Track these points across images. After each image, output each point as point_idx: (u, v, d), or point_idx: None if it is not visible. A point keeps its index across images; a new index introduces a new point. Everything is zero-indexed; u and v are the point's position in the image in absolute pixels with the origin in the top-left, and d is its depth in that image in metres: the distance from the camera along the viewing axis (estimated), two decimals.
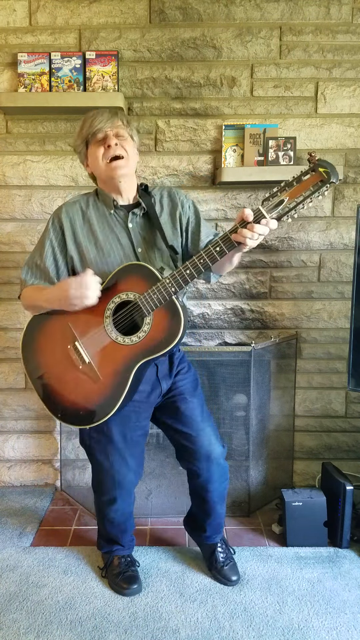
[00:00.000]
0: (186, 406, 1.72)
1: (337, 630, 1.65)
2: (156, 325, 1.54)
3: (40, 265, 1.67)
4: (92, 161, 1.64)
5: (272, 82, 2.32)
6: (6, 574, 1.92)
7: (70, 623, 1.68)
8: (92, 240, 1.65)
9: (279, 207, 1.42)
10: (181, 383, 1.74)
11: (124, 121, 1.63)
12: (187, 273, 1.49)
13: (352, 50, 2.30)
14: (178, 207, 1.70)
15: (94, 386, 1.60)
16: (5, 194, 2.39)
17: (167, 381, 1.72)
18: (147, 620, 1.70)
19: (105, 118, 1.60)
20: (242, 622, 1.69)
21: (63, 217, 1.66)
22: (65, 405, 1.65)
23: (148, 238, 1.66)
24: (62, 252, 1.67)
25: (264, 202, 1.43)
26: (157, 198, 1.71)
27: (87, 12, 2.28)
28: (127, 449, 1.71)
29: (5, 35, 2.30)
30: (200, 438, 1.72)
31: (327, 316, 2.46)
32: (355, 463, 2.52)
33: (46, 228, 1.69)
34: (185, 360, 1.82)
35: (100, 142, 1.60)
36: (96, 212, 1.67)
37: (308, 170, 1.39)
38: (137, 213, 1.66)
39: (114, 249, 1.63)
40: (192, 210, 1.73)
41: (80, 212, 1.67)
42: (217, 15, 2.28)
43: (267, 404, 2.41)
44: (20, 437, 2.55)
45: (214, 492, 1.80)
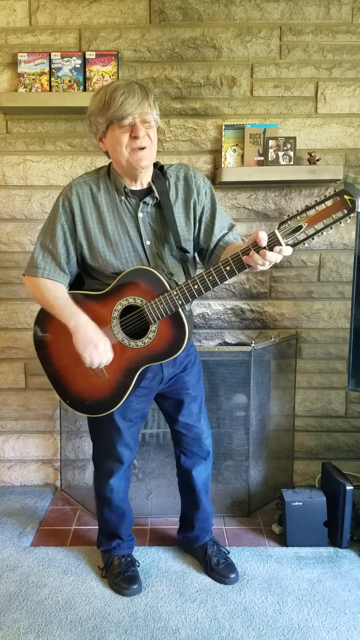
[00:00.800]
0: (188, 399, 1.80)
1: (337, 630, 1.65)
2: (160, 335, 1.53)
3: (52, 250, 1.61)
4: (111, 143, 1.53)
5: (272, 82, 2.32)
6: (6, 574, 1.92)
7: (70, 623, 1.68)
8: (100, 229, 1.59)
9: (296, 234, 1.33)
10: (187, 378, 1.78)
11: (151, 104, 1.50)
12: (195, 288, 1.46)
13: (352, 50, 2.30)
14: (194, 193, 1.61)
15: (99, 382, 1.63)
16: (5, 194, 2.39)
17: (170, 370, 1.72)
18: (147, 620, 1.70)
19: (136, 101, 1.45)
20: (242, 622, 1.69)
21: (73, 200, 1.58)
22: (73, 394, 1.70)
23: (158, 230, 1.60)
24: (72, 237, 1.60)
25: (280, 226, 1.35)
26: (172, 181, 1.62)
27: (87, 12, 2.28)
28: (125, 428, 1.75)
29: (5, 35, 2.30)
30: (195, 427, 1.84)
31: (327, 316, 2.46)
32: (355, 463, 2.52)
33: (55, 207, 1.61)
34: (193, 352, 1.83)
35: (126, 127, 1.48)
36: (107, 197, 1.60)
37: (332, 196, 1.30)
38: (149, 202, 1.59)
39: (123, 240, 1.59)
40: (208, 197, 1.64)
41: (91, 195, 1.59)
42: (217, 15, 2.28)
43: (267, 404, 2.41)
44: (20, 437, 2.55)
45: (198, 477, 1.89)
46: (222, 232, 1.64)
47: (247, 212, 2.39)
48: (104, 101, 1.48)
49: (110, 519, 1.89)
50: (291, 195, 2.37)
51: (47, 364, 1.72)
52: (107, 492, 1.84)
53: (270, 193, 2.37)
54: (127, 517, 1.91)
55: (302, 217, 1.33)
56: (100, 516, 1.92)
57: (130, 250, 1.59)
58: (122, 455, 1.79)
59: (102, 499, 1.88)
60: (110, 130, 1.51)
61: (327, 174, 2.21)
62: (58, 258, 1.62)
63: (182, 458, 1.89)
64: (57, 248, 1.61)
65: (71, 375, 1.68)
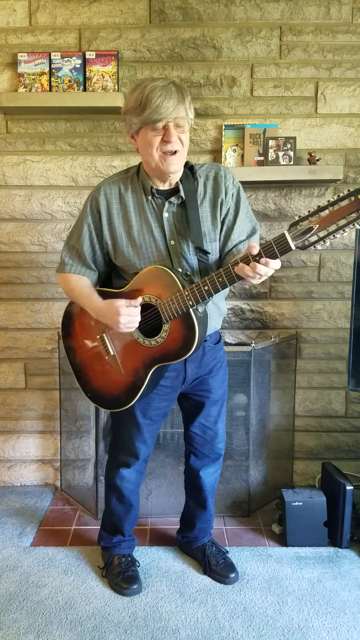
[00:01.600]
0: (209, 403, 1.81)
1: (337, 630, 1.65)
2: (172, 335, 1.54)
3: (77, 249, 1.66)
4: (143, 144, 1.52)
5: (272, 82, 2.32)
6: (6, 574, 1.92)
7: (70, 623, 1.68)
8: (125, 228, 1.61)
9: (307, 235, 1.27)
10: (212, 381, 1.78)
11: (187, 107, 1.49)
12: (205, 289, 1.46)
13: (352, 50, 2.30)
14: (221, 194, 1.59)
15: (116, 377, 1.66)
16: (5, 194, 2.39)
17: (194, 370, 1.72)
18: (147, 620, 1.70)
19: (172, 105, 1.43)
20: (242, 622, 1.69)
21: (101, 200, 1.61)
22: (93, 387, 1.74)
23: (183, 230, 1.59)
24: (99, 236, 1.64)
25: (291, 228, 1.30)
26: (201, 180, 1.60)
27: (87, 12, 2.28)
28: (145, 425, 1.77)
29: (5, 35, 2.30)
30: (211, 430, 1.84)
31: (327, 316, 2.46)
32: (355, 463, 2.52)
33: (84, 209, 1.66)
34: (221, 356, 1.82)
35: (158, 131, 1.47)
36: (134, 197, 1.61)
37: (347, 196, 1.23)
38: (174, 202, 1.58)
39: (146, 240, 1.59)
40: (234, 199, 1.61)
41: (119, 195, 1.61)
42: (217, 15, 2.28)
43: (267, 404, 2.41)
44: (20, 437, 2.55)
45: (206, 478, 1.89)
46: (240, 239, 1.63)
47: None
48: (140, 101, 1.45)
49: (116, 509, 1.89)
50: (291, 195, 2.37)
51: (71, 357, 1.78)
52: (117, 480, 1.84)
53: (270, 193, 2.37)
54: (133, 511, 1.91)
55: (314, 218, 1.26)
56: (107, 506, 1.92)
57: (153, 250, 1.60)
58: (139, 451, 1.80)
59: (111, 487, 1.88)
60: (143, 131, 1.50)
61: (327, 174, 2.21)
62: (84, 256, 1.67)
63: (191, 458, 1.89)
64: (82, 247, 1.66)
65: (91, 370, 1.72)
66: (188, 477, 1.94)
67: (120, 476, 1.84)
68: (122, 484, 1.85)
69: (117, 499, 1.88)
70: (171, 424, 2.37)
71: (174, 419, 2.34)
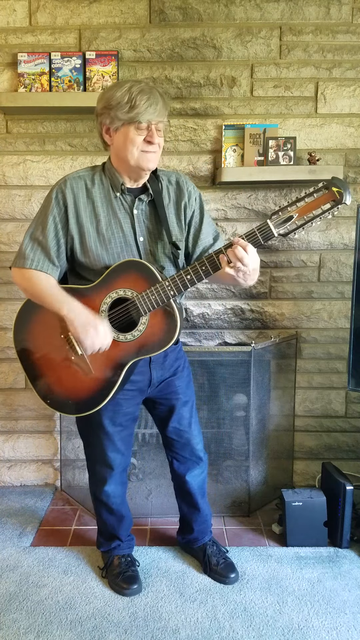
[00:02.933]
0: (179, 404, 1.79)
1: (337, 630, 1.65)
2: (151, 327, 1.53)
3: (42, 242, 1.59)
4: (122, 141, 1.53)
5: (272, 82, 2.32)
6: (6, 574, 1.92)
7: (70, 623, 1.68)
8: (93, 223, 1.59)
9: (287, 223, 1.40)
10: (177, 382, 1.77)
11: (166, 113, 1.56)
12: (188, 278, 1.48)
13: (352, 50, 2.30)
14: (185, 197, 1.66)
15: (84, 378, 1.60)
16: (5, 194, 2.39)
17: (159, 372, 1.71)
18: (147, 620, 1.70)
19: (158, 111, 1.50)
20: (242, 622, 1.69)
21: (67, 192, 1.58)
22: (54, 392, 1.65)
23: (152, 227, 1.62)
24: (64, 230, 1.59)
25: (272, 216, 1.41)
26: (164, 184, 1.66)
27: (87, 12, 2.28)
28: (116, 433, 1.74)
29: (5, 35, 2.30)
30: (185, 432, 1.83)
31: (327, 316, 2.46)
32: (355, 463, 2.52)
33: (48, 200, 1.60)
34: (182, 356, 1.82)
35: (142, 131, 1.51)
36: (101, 192, 1.60)
37: (321, 188, 1.37)
38: (144, 200, 1.61)
39: (115, 235, 1.59)
40: (197, 203, 1.68)
41: (85, 190, 1.60)
42: (217, 15, 2.28)
43: (267, 404, 2.41)
44: (20, 437, 2.55)
45: (193, 482, 1.88)
46: (209, 240, 1.68)
47: (247, 212, 2.39)
48: (129, 100, 1.49)
49: (108, 521, 1.89)
50: (291, 195, 2.37)
51: (27, 362, 1.68)
52: (104, 498, 1.83)
53: (270, 193, 2.37)
54: (126, 520, 1.91)
55: (293, 208, 1.40)
56: (99, 518, 1.92)
57: (122, 246, 1.59)
58: (114, 461, 1.77)
59: (99, 503, 1.87)
60: (125, 129, 1.52)
61: (327, 174, 2.21)
62: (48, 250, 1.59)
63: (175, 464, 1.88)
64: (47, 240, 1.59)
65: (53, 373, 1.64)
66: (175, 482, 1.93)
67: (106, 494, 1.82)
68: (109, 500, 1.83)
69: (107, 511, 1.87)
70: None
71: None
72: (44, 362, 1.65)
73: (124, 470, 1.84)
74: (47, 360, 1.64)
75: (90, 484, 1.89)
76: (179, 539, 2.04)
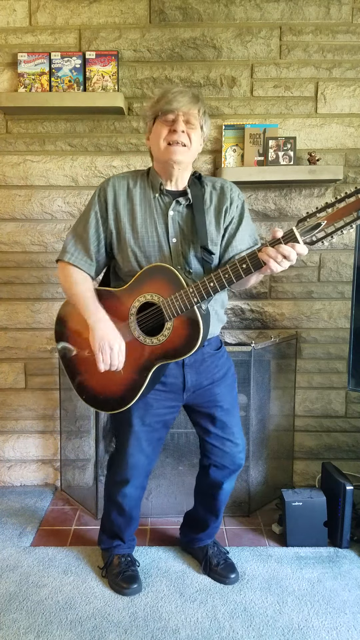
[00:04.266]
0: (221, 413, 1.74)
1: (337, 630, 1.65)
2: (175, 332, 1.53)
3: (83, 237, 1.66)
4: (153, 137, 1.60)
5: (272, 82, 2.32)
6: (6, 574, 1.92)
7: (70, 623, 1.68)
8: (130, 220, 1.63)
9: (315, 231, 1.31)
10: (217, 390, 1.73)
11: (200, 111, 1.57)
12: (211, 286, 1.47)
13: (352, 50, 2.30)
14: (226, 203, 1.65)
15: (114, 377, 1.63)
16: (5, 194, 2.39)
17: (194, 376, 1.69)
18: (147, 620, 1.70)
19: (185, 101, 1.52)
20: (242, 622, 1.69)
21: (108, 190, 1.64)
22: (88, 388, 1.71)
23: (186, 231, 1.62)
24: (104, 224, 1.65)
25: (299, 223, 1.34)
26: (208, 189, 1.66)
27: (87, 12, 2.28)
28: (143, 433, 1.73)
29: (5, 35, 2.30)
30: (229, 440, 1.77)
31: (327, 316, 2.46)
32: (355, 463, 2.52)
33: (92, 197, 1.68)
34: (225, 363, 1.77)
35: (168, 122, 1.55)
36: (141, 193, 1.64)
37: (353, 193, 1.29)
38: (182, 202, 1.62)
39: (149, 234, 1.61)
40: (238, 210, 1.67)
41: (126, 189, 1.65)
42: (217, 15, 2.28)
43: (267, 404, 2.41)
44: (20, 437, 2.55)
45: (226, 490, 1.84)
46: (240, 249, 1.65)
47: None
48: (158, 97, 1.57)
49: (116, 521, 1.87)
50: (291, 195, 2.37)
51: (66, 360, 1.75)
52: (119, 497, 1.81)
53: (270, 193, 2.37)
54: (133, 523, 1.90)
55: (322, 214, 1.31)
56: (107, 516, 1.90)
57: (155, 245, 1.61)
58: (137, 462, 1.75)
59: (111, 502, 1.85)
60: (155, 125, 1.59)
61: (327, 174, 2.22)
62: (88, 245, 1.66)
63: (212, 470, 1.81)
64: (88, 234, 1.65)
65: (87, 371, 1.69)
66: (205, 486, 1.86)
67: (122, 495, 1.80)
68: (124, 501, 1.81)
69: (117, 512, 1.85)
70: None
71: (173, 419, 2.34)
72: (80, 359, 1.70)
73: (146, 475, 1.82)
74: (82, 358, 1.69)
75: (107, 483, 1.88)
76: (180, 537, 2.04)
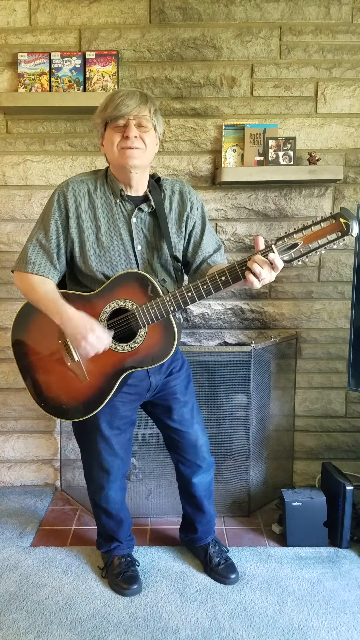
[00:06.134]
0: (177, 405, 1.77)
1: (337, 630, 1.65)
2: (149, 340, 1.53)
3: (45, 245, 1.59)
4: (107, 144, 1.56)
5: (272, 82, 2.32)
6: (6, 574, 1.92)
7: (70, 623, 1.68)
8: (93, 229, 1.58)
9: (292, 250, 1.38)
10: (174, 382, 1.76)
11: (151, 110, 1.53)
12: (189, 296, 1.47)
13: (352, 50, 2.30)
14: (187, 208, 1.65)
15: (79, 385, 1.60)
16: (5, 194, 2.39)
17: (157, 377, 1.70)
18: (147, 620, 1.70)
19: (133, 104, 1.49)
20: (242, 622, 1.69)
21: (69, 196, 1.58)
22: (49, 396, 1.65)
23: (150, 238, 1.62)
24: (65, 233, 1.59)
25: (277, 242, 1.39)
26: (167, 194, 1.65)
27: (87, 12, 2.28)
28: (113, 436, 1.72)
29: (5, 35, 2.30)
30: (188, 433, 1.80)
31: (327, 316, 2.46)
32: (355, 463, 2.52)
33: (50, 203, 1.60)
34: (179, 358, 1.80)
35: (119, 128, 1.51)
36: (102, 198, 1.60)
37: (329, 217, 1.36)
38: (144, 210, 1.60)
39: (114, 243, 1.58)
40: (199, 214, 1.68)
41: (87, 194, 1.59)
42: (217, 15, 2.28)
43: (267, 404, 2.41)
44: (20, 437, 2.55)
45: (199, 485, 1.87)
46: (209, 251, 1.67)
47: (247, 212, 2.39)
48: (105, 104, 1.54)
49: (108, 524, 1.88)
50: (291, 195, 2.37)
51: (23, 365, 1.68)
52: (103, 503, 1.83)
53: (270, 193, 2.37)
54: (125, 523, 1.90)
55: (299, 235, 1.39)
56: (98, 521, 1.91)
57: (120, 254, 1.59)
58: (111, 466, 1.76)
59: (98, 508, 1.86)
60: (107, 132, 1.55)
61: (327, 174, 2.22)
62: (51, 253, 1.59)
63: (180, 467, 1.86)
64: (50, 243, 1.59)
65: (48, 377, 1.64)
66: (181, 484, 1.92)
67: (105, 500, 1.81)
68: (108, 505, 1.83)
69: (106, 516, 1.86)
70: None
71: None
72: (40, 366, 1.64)
73: (123, 476, 1.83)
74: (43, 364, 1.64)
75: (88, 490, 1.88)
76: (181, 536, 2.04)
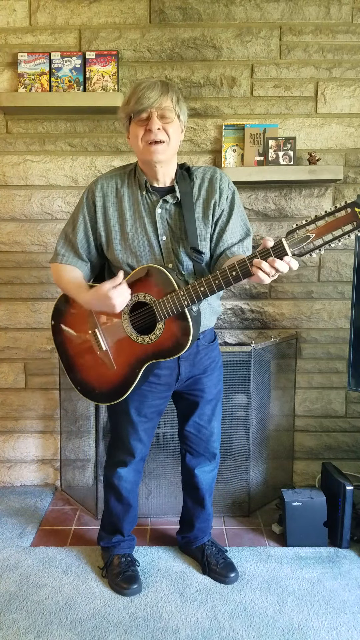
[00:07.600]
0: (204, 403, 1.81)
1: (337, 630, 1.65)
2: (166, 333, 1.55)
3: (71, 239, 1.69)
4: (132, 138, 1.58)
5: (272, 82, 2.32)
6: (6, 574, 1.92)
7: (70, 623, 1.69)
8: (120, 222, 1.63)
9: (303, 244, 1.31)
10: (206, 380, 1.78)
11: (173, 99, 1.52)
12: (202, 290, 1.47)
13: (352, 50, 2.30)
14: (215, 195, 1.62)
15: (107, 372, 1.67)
16: (5, 194, 2.39)
17: (188, 367, 1.72)
18: (147, 620, 1.70)
19: (154, 96, 1.48)
20: (242, 622, 1.69)
21: (97, 192, 1.64)
22: (83, 381, 1.75)
23: (175, 228, 1.62)
24: (93, 228, 1.67)
25: (288, 235, 1.33)
26: (197, 182, 1.63)
27: (87, 12, 2.28)
28: (140, 423, 1.78)
29: (5, 35, 2.30)
30: (205, 428, 1.84)
31: (327, 316, 2.46)
32: (355, 463, 2.52)
33: (80, 200, 1.68)
34: (216, 356, 1.82)
35: (143, 121, 1.51)
36: (129, 192, 1.64)
37: (343, 207, 1.28)
38: (169, 201, 1.60)
39: (138, 234, 1.61)
40: (228, 201, 1.64)
41: (115, 189, 1.64)
42: (217, 15, 2.28)
43: (267, 404, 2.41)
44: (20, 437, 2.55)
45: (204, 478, 1.90)
46: (231, 241, 1.64)
47: (247, 212, 2.38)
48: (128, 98, 1.54)
49: (115, 509, 1.89)
50: (291, 195, 2.37)
51: (61, 351, 1.79)
52: (115, 479, 1.85)
53: (270, 193, 2.37)
54: (132, 511, 1.91)
55: (311, 227, 1.31)
56: (106, 506, 1.93)
57: (145, 245, 1.62)
58: (135, 449, 1.81)
59: (109, 486, 1.89)
60: (132, 126, 1.56)
61: (327, 174, 2.21)
62: (77, 247, 1.68)
63: (187, 456, 1.90)
64: (76, 237, 1.68)
65: (82, 363, 1.73)
66: (185, 476, 1.95)
67: (118, 475, 1.84)
68: (120, 483, 1.85)
69: (115, 498, 1.88)
70: (171, 424, 2.37)
71: (174, 419, 2.33)
72: (75, 354, 1.75)
73: (141, 460, 1.87)
74: (78, 352, 1.74)
75: (105, 467, 1.92)
76: (178, 539, 2.05)
